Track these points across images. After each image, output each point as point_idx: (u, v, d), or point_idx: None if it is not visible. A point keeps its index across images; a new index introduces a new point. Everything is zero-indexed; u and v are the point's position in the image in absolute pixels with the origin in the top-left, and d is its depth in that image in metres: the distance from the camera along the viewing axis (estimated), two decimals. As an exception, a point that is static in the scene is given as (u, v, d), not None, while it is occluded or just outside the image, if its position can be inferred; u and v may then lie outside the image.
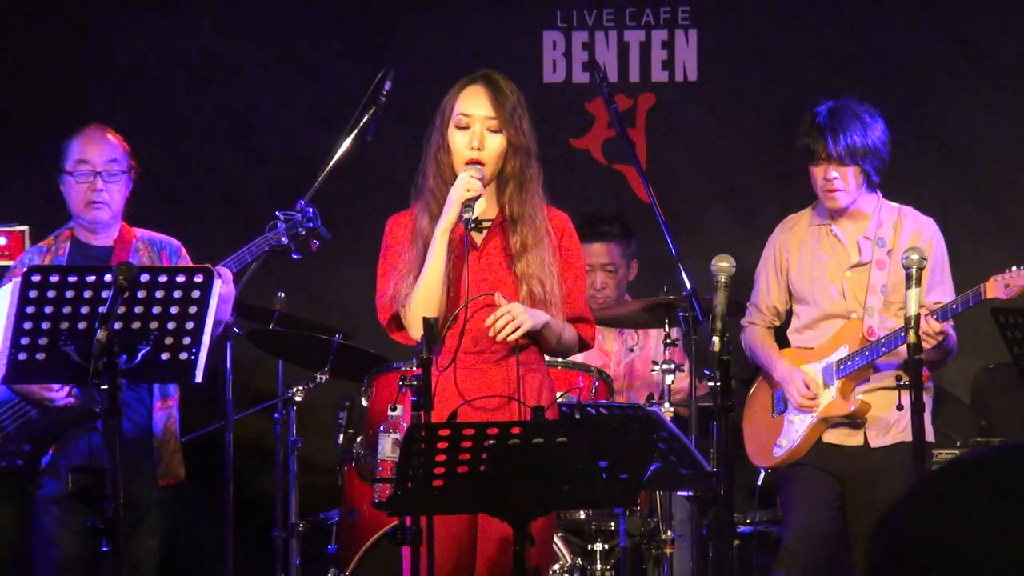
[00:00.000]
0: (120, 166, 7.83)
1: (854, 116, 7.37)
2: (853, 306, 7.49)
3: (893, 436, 7.40)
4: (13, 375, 6.55)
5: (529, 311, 6.27)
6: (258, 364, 8.46)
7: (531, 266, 6.37)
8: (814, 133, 7.37)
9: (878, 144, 7.36)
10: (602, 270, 8.85)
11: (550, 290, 6.37)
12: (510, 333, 6.24)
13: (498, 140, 6.35)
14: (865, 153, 7.32)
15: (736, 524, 7.91)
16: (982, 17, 9.47)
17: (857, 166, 7.34)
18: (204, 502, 8.82)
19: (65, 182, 7.83)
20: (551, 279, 6.39)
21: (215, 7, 9.61)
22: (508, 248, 6.41)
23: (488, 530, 6.35)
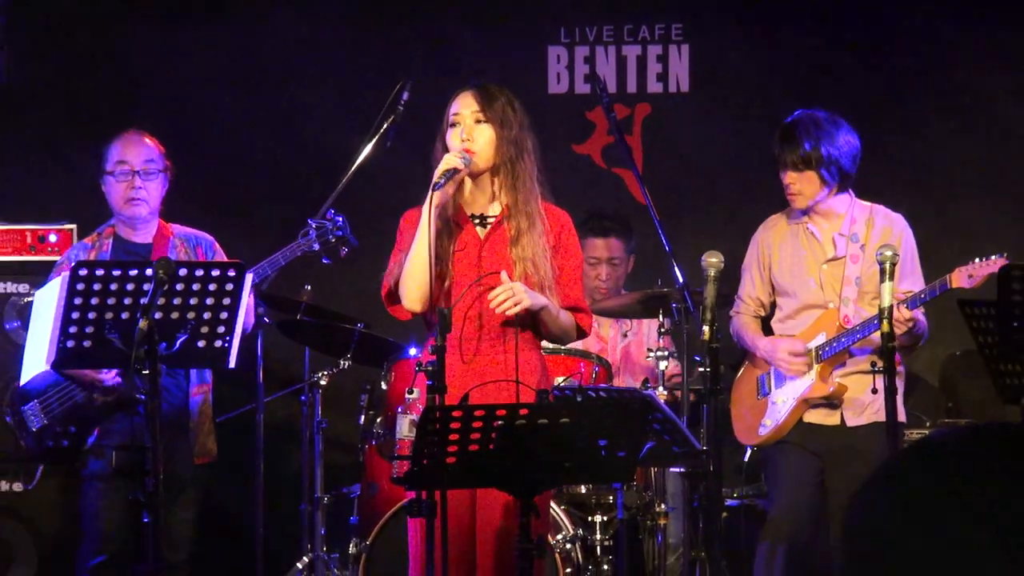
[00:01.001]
0: (156, 166, 7.85)
1: (815, 126, 7.38)
2: (830, 297, 7.49)
3: (868, 416, 7.39)
4: (61, 360, 6.56)
5: (530, 293, 6.27)
6: (287, 351, 8.46)
7: (525, 250, 6.38)
8: (778, 141, 7.43)
9: (838, 153, 7.36)
10: (607, 263, 8.84)
11: (544, 273, 6.38)
12: (510, 307, 6.26)
13: (486, 131, 6.38)
14: (820, 160, 7.33)
15: (724, 498, 7.91)
16: (950, 38, 9.45)
17: (814, 172, 7.36)
18: (237, 477, 8.82)
19: (106, 182, 7.84)
20: (544, 263, 6.40)
21: (251, 26, 9.59)
22: (508, 238, 6.45)
23: (487, 500, 6.37)
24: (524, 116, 6.49)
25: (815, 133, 7.37)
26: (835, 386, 7.42)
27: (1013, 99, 9.37)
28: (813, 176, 7.38)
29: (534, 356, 6.51)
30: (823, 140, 7.36)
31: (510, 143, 6.40)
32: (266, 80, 9.61)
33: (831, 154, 7.36)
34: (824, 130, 7.39)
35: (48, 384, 7.68)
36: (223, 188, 9.46)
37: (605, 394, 7.01)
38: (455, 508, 6.15)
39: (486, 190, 6.46)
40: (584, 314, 6.57)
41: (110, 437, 7.70)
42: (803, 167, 7.38)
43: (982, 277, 7.06)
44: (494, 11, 9.68)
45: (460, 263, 6.40)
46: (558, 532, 7.93)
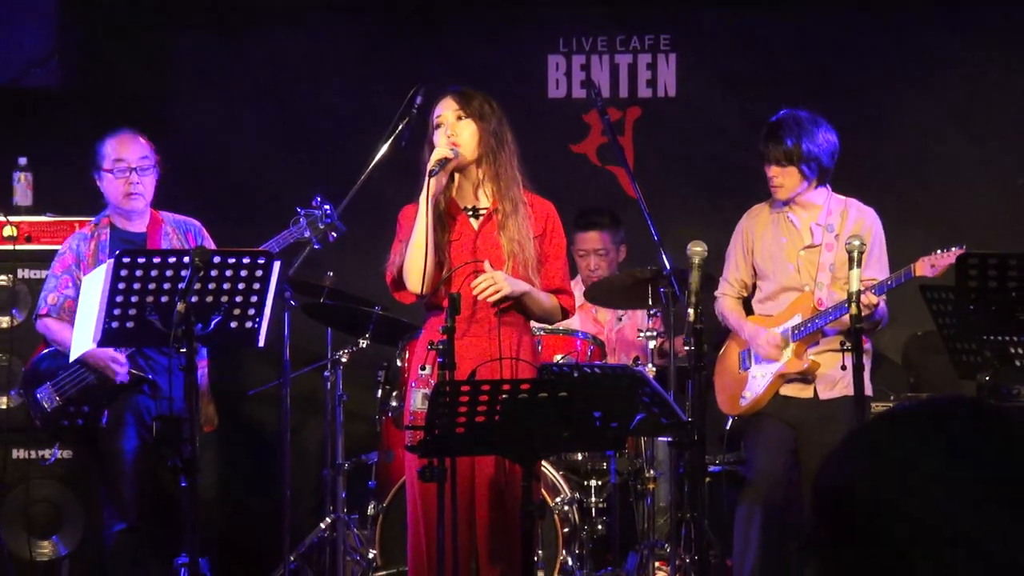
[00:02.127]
0: (150, 161, 7.88)
1: (797, 125, 7.42)
2: (806, 281, 7.50)
3: (838, 390, 7.41)
4: (106, 339, 6.59)
5: (511, 280, 6.33)
6: (311, 331, 8.46)
7: (510, 231, 6.44)
8: (764, 138, 7.46)
9: (815, 150, 7.39)
10: (595, 254, 8.85)
11: (528, 254, 6.44)
12: (491, 295, 6.30)
13: (468, 126, 6.45)
14: (801, 157, 7.37)
15: (708, 464, 7.90)
16: (927, 46, 9.45)
17: (795, 167, 7.39)
18: (266, 445, 8.83)
19: (104, 178, 7.85)
20: (529, 244, 6.45)
21: (278, 36, 9.59)
22: (497, 225, 6.49)
23: (483, 461, 6.39)
24: (501, 112, 6.56)
25: (797, 131, 7.40)
26: (809, 363, 7.44)
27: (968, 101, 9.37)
28: (794, 171, 7.41)
29: (525, 336, 6.55)
30: (804, 138, 7.39)
31: (490, 135, 6.46)
32: (290, 85, 9.60)
33: (811, 151, 7.39)
34: (806, 129, 7.41)
35: (58, 366, 7.71)
36: (248, 182, 9.45)
37: (599, 370, 7.02)
38: (459, 470, 6.17)
39: (473, 180, 6.52)
40: (567, 296, 6.61)
41: (128, 413, 7.74)
42: (786, 162, 7.41)
43: (943, 267, 7.08)
44: (499, 23, 9.68)
45: (456, 252, 6.45)
46: (557, 495, 7.94)
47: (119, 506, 7.83)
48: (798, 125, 7.42)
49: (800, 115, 7.47)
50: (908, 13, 9.45)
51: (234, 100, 9.60)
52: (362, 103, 9.25)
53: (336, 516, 8.24)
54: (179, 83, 9.65)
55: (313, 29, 9.60)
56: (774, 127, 7.46)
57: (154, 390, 7.71)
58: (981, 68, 9.40)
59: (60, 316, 7.75)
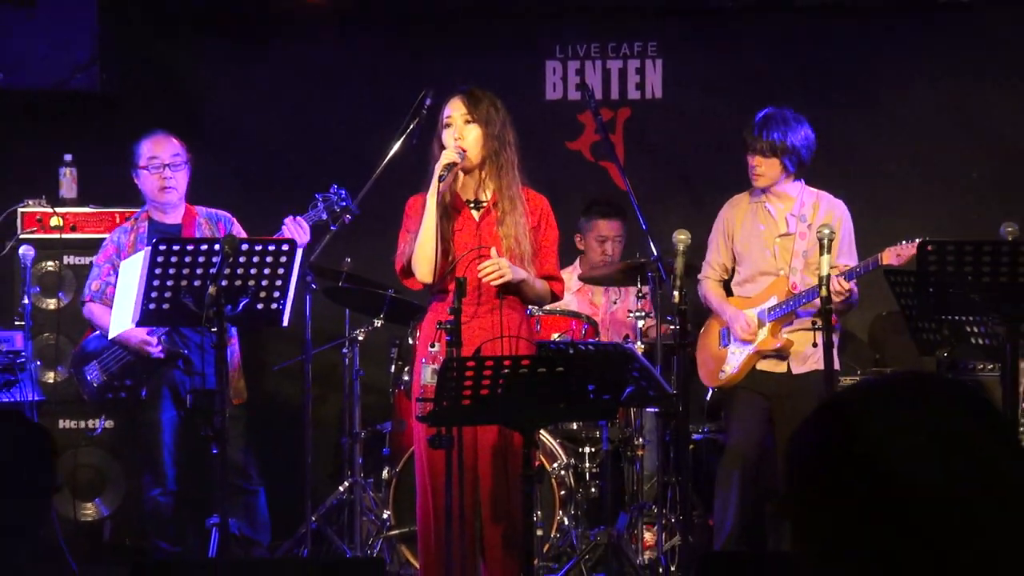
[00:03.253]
0: (182, 159, 7.91)
1: (781, 121, 7.45)
2: (781, 266, 7.51)
3: (809, 365, 7.41)
4: (144, 319, 6.61)
5: (513, 268, 6.41)
6: (330, 312, 8.45)
7: (508, 227, 6.51)
8: (749, 129, 7.47)
9: (797, 144, 7.42)
10: (613, 241, 8.84)
11: (524, 247, 6.51)
12: (495, 279, 6.36)
13: (474, 130, 6.50)
14: (783, 150, 7.40)
15: (691, 433, 7.91)
16: (893, 55, 9.43)
17: (776, 158, 7.40)
18: (289, 416, 8.83)
19: (140, 175, 7.89)
20: (524, 238, 6.52)
21: (301, 45, 9.58)
22: (496, 219, 6.53)
23: (487, 434, 6.40)
24: (506, 113, 6.59)
25: (783, 127, 7.44)
26: (783, 341, 7.46)
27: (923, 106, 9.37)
28: (776, 162, 7.44)
29: (521, 317, 6.58)
30: (789, 133, 7.43)
31: (494, 138, 6.51)
32: (309, 89, 9.59)
33: (794, 145, 7.42)
34: (790, 125, 7.45)
35: (104, 347, 7.73)
36: (272, 176, 9.44)
37: (592, 348, 7.02)
38: (464, 439, 6.19)
39: (476, 177, 6.59)
40: (557, 282, 6.69)
41: (164, 387, 7.76)
42: (770, 154, 7.44)
43: (908, 256, 7.08)
44: (501, 32, 9.67)
45: (460, 241, 6.51)
46: (554, 461, 7.95)
47: (156, 472, 7.86)
48: (784, 121, 7.45)
49: (786, 113, 7.50)
50: (876, 25, 9.44)
51: (259, 102, 9.59)
52: (376, 104, 9.24)
53: (353, 480, 8.24)
54: (209, 87, 9.64)
55: (331, 38, 9.59)
56: (763, 120, 7.48)
57: (188, 366, 7.73)
58: (942, 76, 9.39)
59: (103, 301, 7.77)
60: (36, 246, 8.14)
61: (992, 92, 9.33)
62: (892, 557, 1.76)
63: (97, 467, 8.60)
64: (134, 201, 8.18)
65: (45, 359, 8.46)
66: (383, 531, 8.12)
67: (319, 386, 8.63)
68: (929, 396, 1.84)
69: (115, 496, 8.62)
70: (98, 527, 8.61)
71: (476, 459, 6.40)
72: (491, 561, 6.47)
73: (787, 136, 7.41)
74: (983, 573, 1.75)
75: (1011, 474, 1.79)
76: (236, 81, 9.61)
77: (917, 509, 1.75)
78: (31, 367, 7.59)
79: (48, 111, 9.01)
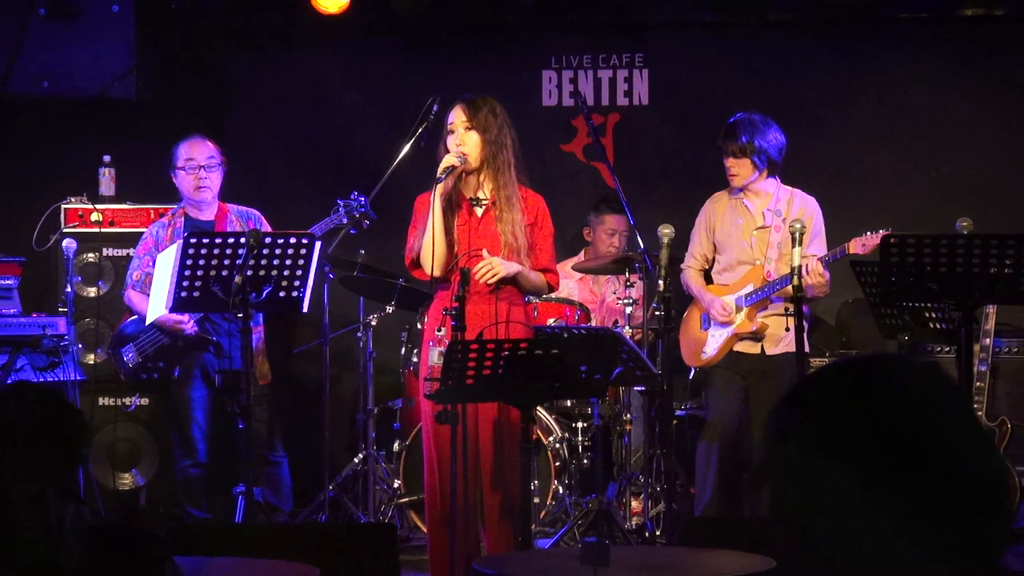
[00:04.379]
0: (216, 160, 7.91)
1: (750, 124, 7.44)
2: (758, 256, 7.51)
3: (782, 347, 7.41)
4: (177, 305, 6.63)
5: (505, 263, 6.44)
6: (346, 299, 8.46)
7: (506, 224, 6.52)
8: (723, 134, 7.48)
9: (765, 145, 7.41)
10: (620, 234, 8.85)
11: (520, 243, 6.52)
12: (489, 278, 6.38)
13: (473, 136, 6.52)
14: (752, 150, 7.39)
15: (674, 409, 7.91)
16: (861, 65, 9.43)
17: (748, 159, 7.40)
18: (308, 394, 8.83)
19: (177, 175, 7.90)
20: (521, 235, 6.53)
21: (319, 56, 9.56)
22: (494, 217, 6.55)
23: (488, 411, 6.40)
24: (505, 117, 6.60)
25: (751, 130, 7.42)
26: (759, 324, 7.45)
27: (887, 113, 9.37)
28: (747, 162, 7.43)
29: (517, 306, 6.58)
30: (756, 135, 7.41)
31: (492, 143, 6.53)
32: (328, 96, 9.57)
33: (762, 146, 7.41)
34: (758, 128, 7.43)
35: (140, 331, 7.75)
36: (292, 178, 9.43)
37: (585, 332, 7.02)
38: (467, 415, 6.19)
39: (476, 178, 6.60)
40: (552, 274, 6.71)
41: (195, 368, 7.76)
42: (740, 155, 7.43)
43: (872, 246, 7.09)
44: (502, 45, 9.67)
45: (462, 235, 6.54)
46: (549, 435, 7.96)
47: (187, 445, 7.87)
48: (752, 124, 7.44)
49: (754, 117, 7.49)
50: (842, 39, 9.43)
51: (283, 108, 9.58)
52: (387, 110, 9.23)
53: (367, 452, 8.25)
54: (237, 94, 9.63)
55: (347, 50, 9.57)
56: (732, 126, 7.48)
57: (217, 350, 7.74)
58: (904, 84, 9.38)
59: (142, 290, 7.78)
60: (78, 239, 8.14)
61: (949, 101, 9.34)
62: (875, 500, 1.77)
63: (133, 441, 8.60)
64: (167, 197, 8.18)
65: (86, 342, 8.46)
66: (394, 499, 8.13)
67: (336, 367, 8.63)
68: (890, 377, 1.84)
69: (150, 467, 8.62)
70: (135, 495, 8.62)
71: (478, 433, 6.41)
72: (490, 526, 6.48)
73: (755, 138, 7.41)
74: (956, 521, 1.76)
75: (967, 439, 1.80)
76: (261, 88, 9.60)
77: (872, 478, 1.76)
78: (73, 350, 7.59)
79: (89, 116, 9.00)
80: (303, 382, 9.21)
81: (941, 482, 1.76)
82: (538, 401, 6.81)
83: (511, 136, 6.59)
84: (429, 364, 6.39)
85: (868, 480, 1.76)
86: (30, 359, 7.38)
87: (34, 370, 7.38)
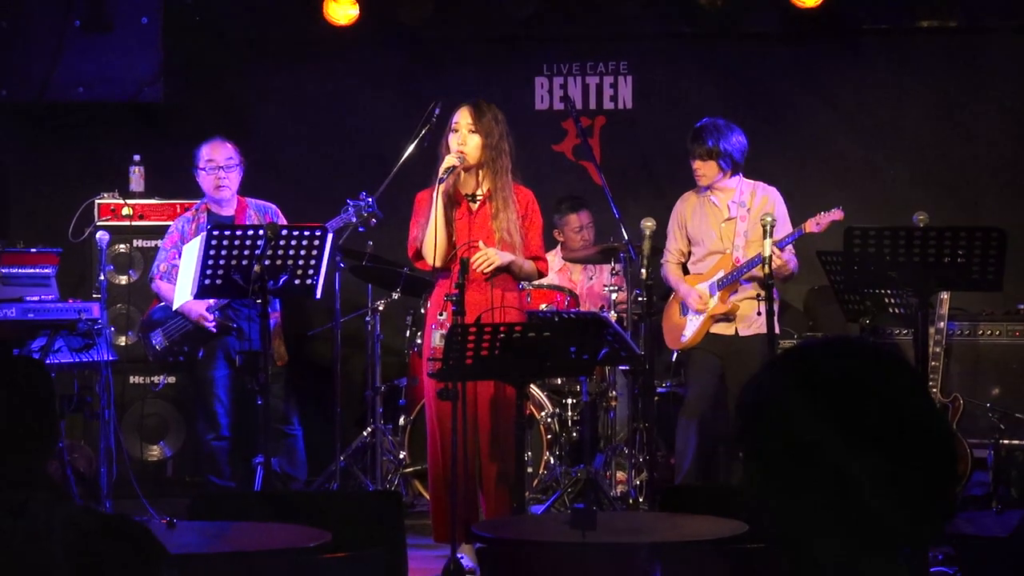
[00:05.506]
0: (235, 161, 7.90)
1: (715, 129, 7.45)
2: (727, 245, 7.52)
3: (754, 329, 7.41)
4: (201, 292, 6.64)
5: (500, 253, 6.49)
6: (355, 287, 8.45)
7: (501, 221, 6.55)
8: (691, 139, 7.52)
9: (729, 148, 7.42)
10: (586, 228, 8.82)
11: (514, 236, 6.56)
12: (486, 267, 6.44)
13: (475, 139, 6.55)
14: (717, 153, 7.41)
15: (656, 387, 7.92)
16: (826, 72, 9.44)
17: (714, 161, 7.41)
18: (321, 374, 8.82)
19: (199, 174, 7.90)
20: (515, 229, 6.57)
21: (331, 66, 9.56)
22: (490, 214, 6.58)
23: (486, 388, 6.42)
24: (504, 124, 6.62)
25: (716, 134, 7.43)
26: (731, 306, 7.46)
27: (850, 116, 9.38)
28: (713, 164, 7.44)
29: (511, 292, 6.58)
30: (721, 139, 7.42)
31: (492, 148, 6.54)
32: (339, 101, 9.56)
33: (726, 149, 7.42)
34: (722, 132, 7.44)
35: (167, 317, 7.76)
36: (306, 174, 9.42)
37: (574, 316, 7.02)
38: (467, 392, 6.20)
39: (475, 176, 6.64)
40: (542, 261, 6.76)
41: (218, 350, 7.76)
42: (706, 158, 7.44)
43: (825, 224, 7.19)
44: (499, 54, 9.66)
45: (460, 228, 6.55)
46: (542, 410, 7.96)
47: (210, 420, 7.88)
48: (716, 129, 7.45)
49: (718, 122, 7.50)
50: (809, 48, 9.43)
51: (298, 112, 9.57)
52: (393, 114, 9.20)
53: (375, 426, 8.25)
54: (256, 99, 9.61)
55: (356, 58, 9.56)
56: (698, 131, 7.49)
57: (239, 333, 7.74)
58: (864, 89, 9.39)
59: (168, 279, 7.79)
60: (110, 232, 8.12)
61: (906, 105, 9.34)
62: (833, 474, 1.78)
63: (161, 416, 8.60)
64: (192, 194, 8.17)
65: (117, 326, 8.46)
66: (400, 468, 8.13)
67: (346, 348, 8.62)
68: (853, 357, 1.84)
69: (176, 440, 8.63)
70: (162, 466, 8.62)
71: (476, 409, 6.42)
72: (488, 492, 6.50)
73: (719, 142, 7.41)
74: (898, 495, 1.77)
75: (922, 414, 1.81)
76: (279, 94, 9.58)
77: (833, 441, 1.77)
78: (106, 332, 7.58)
79: (120, 119, 9.00)
80: (316, 362, 9.20)
81: (900, 452, 1.77)
82: (531, 379, 6.83)
83: (509, 143, 6.61)
84: (432, 346, 6.41)
85: (827, 459, 1.76)
86: (67, 341, 7.37)
87: (70, 351, 7.37)
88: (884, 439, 1.77)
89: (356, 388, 8.94)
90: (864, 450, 1.76)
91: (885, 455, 1.76)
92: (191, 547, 4.16)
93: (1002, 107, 9.26)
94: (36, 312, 7.30)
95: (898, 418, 1.78)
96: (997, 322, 7.95)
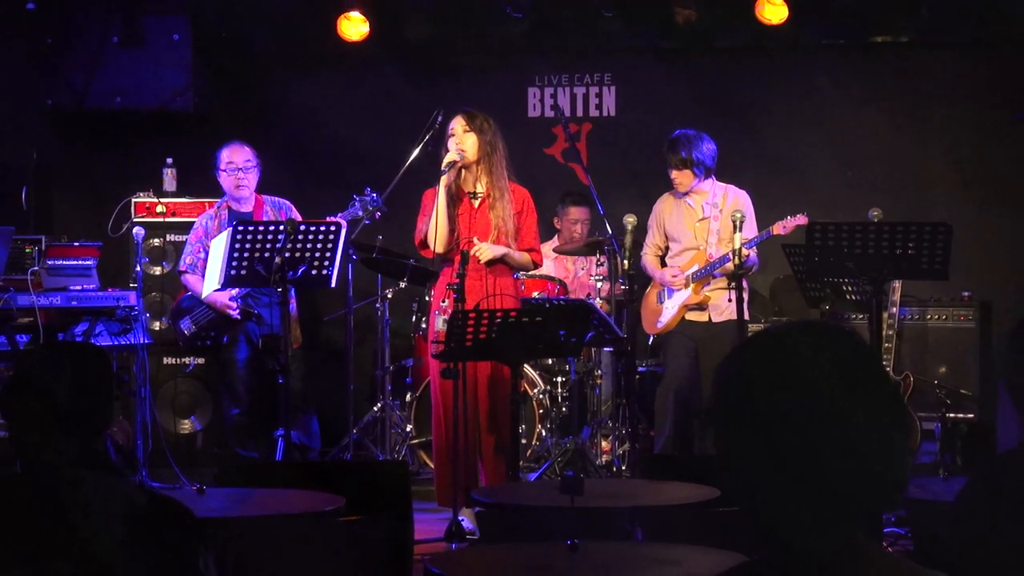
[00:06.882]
0: (253, 163, 7.88)
1: (687, 140, 7.44)
2: (700, 242, 7.51)
3: (725, 316, 7.41)
4: (227, 282, 6.64)
5: (493, 247, 6.51)
6: (366, 276, 8.44)
7: (498, 214, 6.58)
8: (667, 149, 7.51)
9: (701, 156, 7.41)
10: (583, 223, 8.83)
11: (510, 229, 6.58)
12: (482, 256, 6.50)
13: (471, 137, 6.57)
14: (691, 162, 7.39)
15: (637, 366, 7.92)
16: (797, 82, 9.42)
17: (688, 169, 7.39)
18: (335, 356, 8.82)
19: (220, 176, 7.89)
20: (511, 222, 6.59)
21: (344, 77, 9.55)
22: (488, 207, 6.60)
23: (484, 368, 6.42)
24: (496, 128, 6.66)
25: (688, 145, 7.43)
26: (704, 296, 7.45)
27: (813, 124, 9.37)
28: (688, 172, 7.43)
29: (508, 280, 6.58)
30: (693, 149, 7.41)
31: (486, 144, 6.57)
32: (351, 108, 9.55)
33: (698, 157, 7.41)
34: (694, 143, 7.44)
35: (194, 305, 7.77)
36: (322, 173, 9.40)
37: (563, 303, 7.02)
38: (467, 371, 6.20)
39: (474, 174, 6.66)
40: (536, 252, 6.78)
41: (241, 334, 7.76)
42: (682, 167, 7.43)
43: (792, 227, 7.16)
44: (495, 65, 9.64)
45: (462, 223, 6.57)
46: (534, 387, 7.96)
47: (235, 397, 7.87)
48: (688, 140, 7.44)
49: (689, 133, 7.49)
50: (778, 62, 9.41)
51: (312, 119, 9.54)
52: (400, 120, 9.18)
53: (384, 402, 8.25)
54: (277, 107, 9.59)
55: (367, 70, 9.55)
56: (672, 142, 7.48)
57: (259, 319, 7.74)
58: (825, 98, 9.38)
59: (194, 272, 7.78)
60: (145, 227, 8.10)
61: (862, 112, 9.33)
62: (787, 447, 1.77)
63: (191, 393, 8.59)
64: (220, 193, 8.16)
65: (152, 313, 8.45)
66: (407, 440, 8.13)
67: (358, 332, 8.62)
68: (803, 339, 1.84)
69: (205, 415, 8.62)
70: (192, 438, 8.61)
71: (476, 386, 6.43)
72: (487, 462, 6.51)
73: (692, 152, 7.40)
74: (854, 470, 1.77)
75: (876, 392, 1.80)
76: (297, 102, 9.57)
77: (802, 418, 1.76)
78: (142, 318, 7.58)
79: (154, 125, 8.98)
80: (331, 345, 9.20)
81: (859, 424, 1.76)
82: (525, 360, 6.84)
83: (501, 143, 6.63)
84: (435, 330, 6.40)
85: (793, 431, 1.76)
86: (106, 326, 7.38)
87: (110, 335, 7.38)
88: (844, 412, 1.76)
89: (367, 368, 8.93)
90: (826, 423, 1.76)
91: (845, 427, 1.76)
92: (219, 511, 4.16)
93: (949, 115, 9.26)
94: (79, 300, 7.30)
95: (857, 393, 1.78)
96: (944, 307, 7.97)
